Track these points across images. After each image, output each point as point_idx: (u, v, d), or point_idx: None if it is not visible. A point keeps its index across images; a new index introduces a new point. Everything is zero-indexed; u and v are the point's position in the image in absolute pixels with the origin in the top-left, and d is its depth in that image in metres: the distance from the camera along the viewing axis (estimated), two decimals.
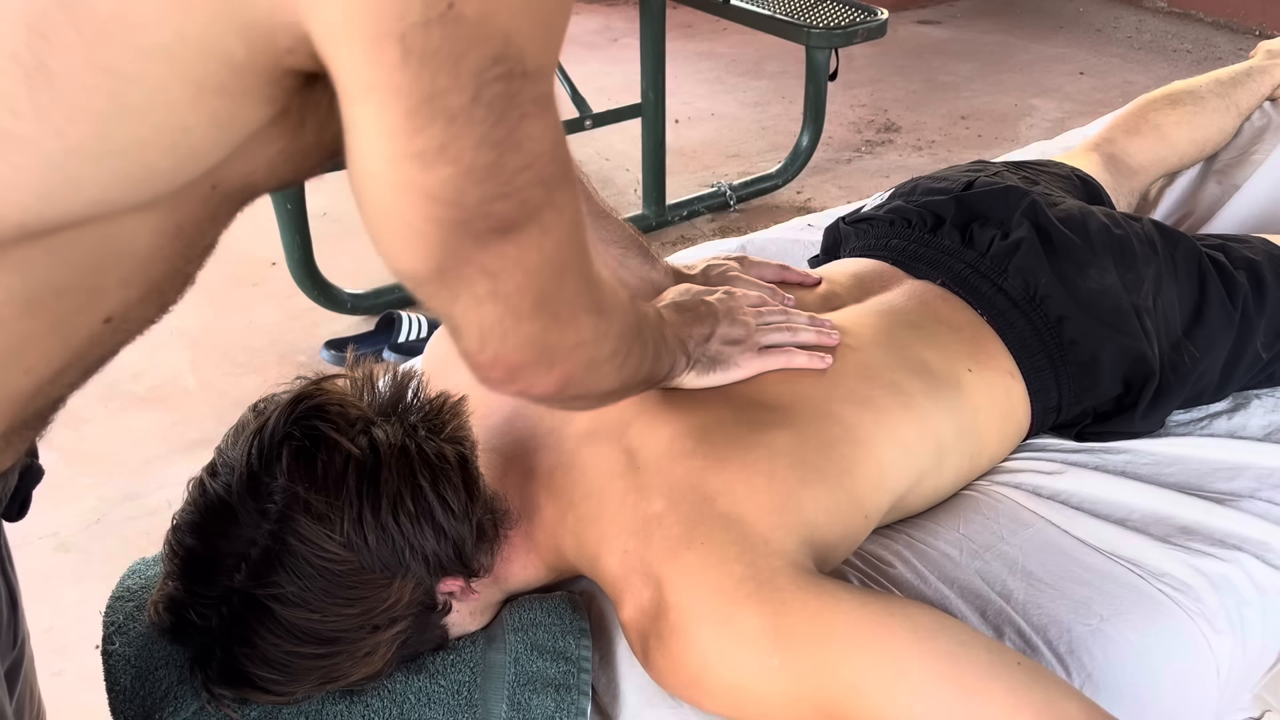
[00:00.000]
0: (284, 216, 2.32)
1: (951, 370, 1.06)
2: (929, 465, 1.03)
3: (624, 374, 0.79)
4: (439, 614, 0.89)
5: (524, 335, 0.64)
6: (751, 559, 0.82)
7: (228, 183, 0.59)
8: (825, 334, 1.03)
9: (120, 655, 0.90)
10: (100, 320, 0.62)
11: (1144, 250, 1.19)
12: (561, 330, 0.66)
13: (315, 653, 0.82)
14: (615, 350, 0.75)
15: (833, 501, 0.91)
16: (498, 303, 0.61)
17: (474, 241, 0.57)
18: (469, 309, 0.61)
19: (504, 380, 0.67)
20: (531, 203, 0.57)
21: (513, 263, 0.59)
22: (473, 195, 0.54)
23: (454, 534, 0.84)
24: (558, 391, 0.70)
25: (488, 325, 0.62)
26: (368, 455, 0.81)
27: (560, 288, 0.64)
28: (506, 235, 0.58)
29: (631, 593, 0.86)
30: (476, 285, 0.59)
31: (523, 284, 0.61)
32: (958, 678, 0.75)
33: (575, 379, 0.70)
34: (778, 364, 1.00)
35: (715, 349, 0.98)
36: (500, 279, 0.60)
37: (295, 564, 0.79)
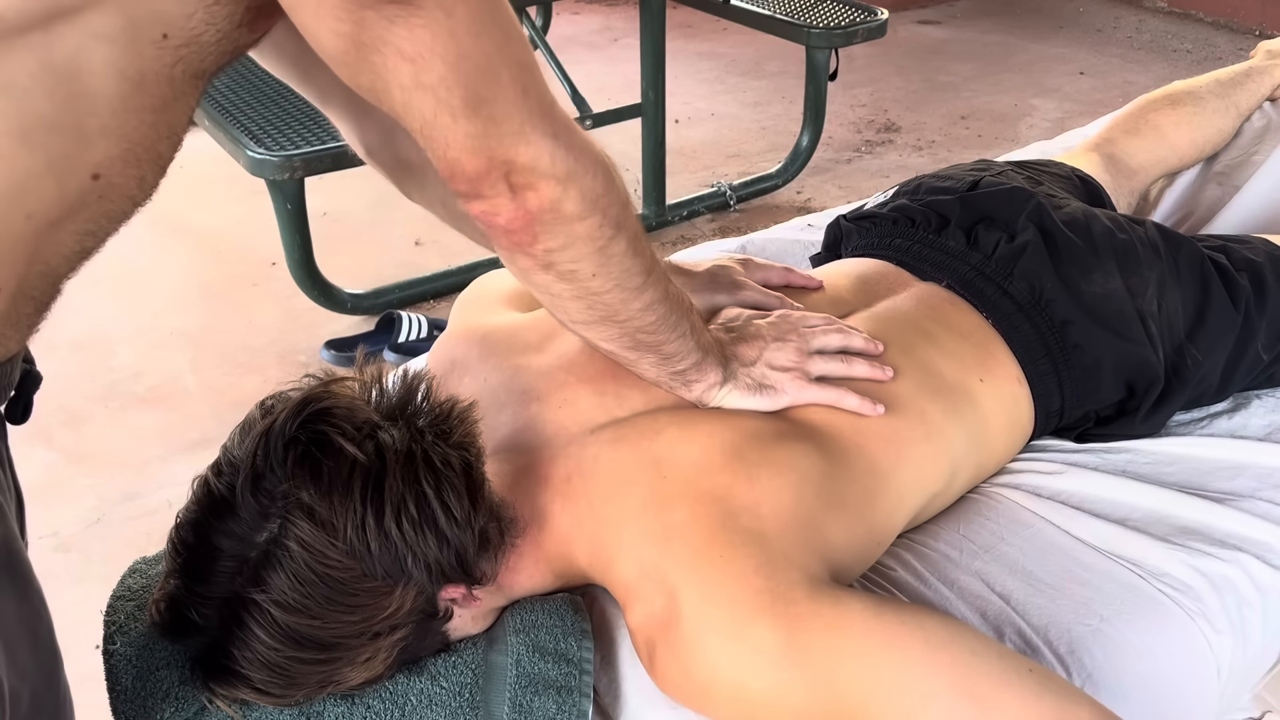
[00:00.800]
0: (284, 216, 2.32)
1: (965, 382, 1.06)
2: (941, 487, 1.03)
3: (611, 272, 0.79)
4: (440, 621, 0.88)
5: (465, 135, 0.66)
6: (770, 572, 0.82)
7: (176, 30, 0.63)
8: (879, 369, 1.00)
9: (121, 655, 0.90)
10: (89, 175, 0.64)
11: (1148, 254, 1.19)
12: (510, 142, 0.68)
13: (315, 658, 0.82)
14: (587, 210, 0.74)
15: (853, 530, 0.91)
16: (426, 93, 0.64)
17: (375, 11, 0.61)
18: (403, 100, 0.64)
19: (467, 194, 0.70)
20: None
21: (426, 48, 0.62)
22: None
23: (456, 541, 0.84)
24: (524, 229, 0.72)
25: (426, 118, 0.65)
26: (373, 462, 0.81)
27: (492, 88, 0.66)
28: (406, 7, 0.61)
29: (643, 599, 0.85)
30: (399, 72, 0.63)
31: (445, 75, 0.63)
32: (970, 687, 0.75)
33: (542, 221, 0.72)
34: (827, 400, 0.96)
35: (761, 372, 0.96)
36: (420, 66, 0.63)
37: (296, 569, 0.79)
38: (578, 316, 0.84)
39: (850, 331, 1.01)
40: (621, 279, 0.80)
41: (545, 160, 0.70)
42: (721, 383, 0.94)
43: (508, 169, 0.69)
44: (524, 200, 0.71)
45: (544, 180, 0.70)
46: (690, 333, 0.89)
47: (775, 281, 1.13)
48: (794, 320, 1.01)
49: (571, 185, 0.72)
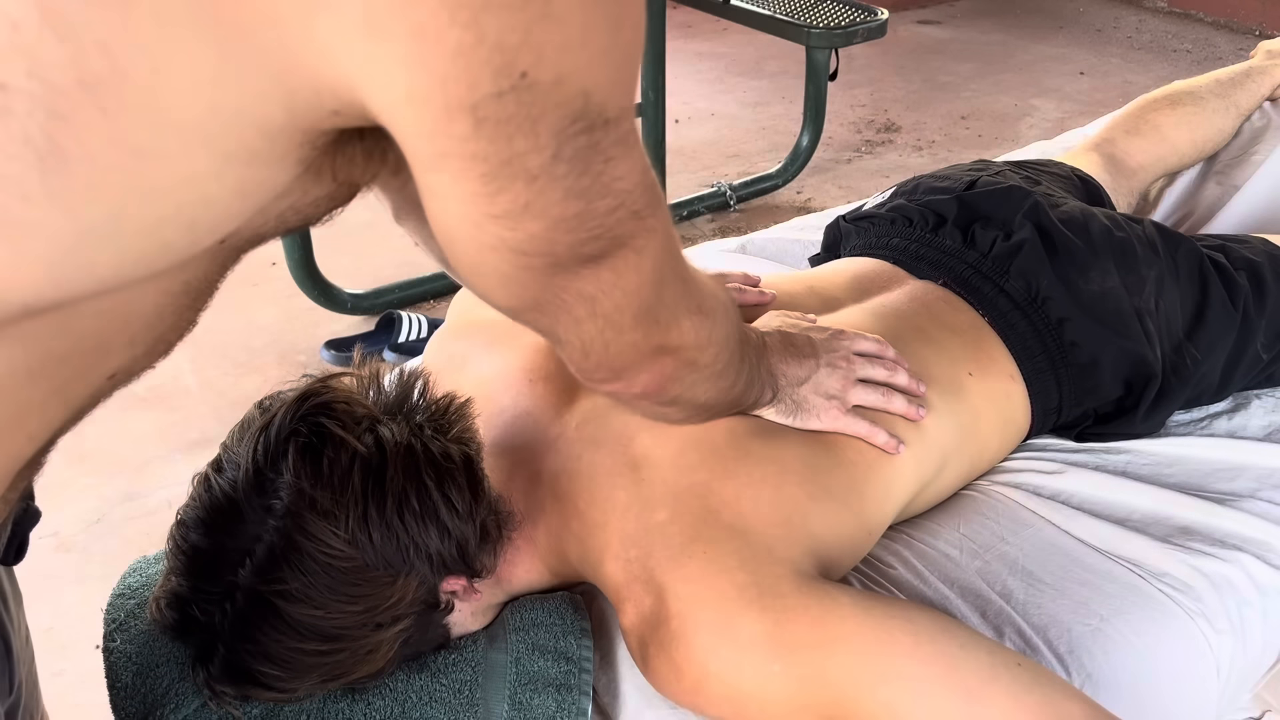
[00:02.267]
0: None
1: (954, 376, 1.06)
2: (932, 475, 1.03)
3: (719, 386, 0.79)
4: (441, 613, 0.89)
5: (627, 344, 0.65)
6: (754, 567, 0.82)
7: (237, 237, 0.57)
8: (914, 406, 0.99)
9: (121, 652, 0.90)
10: (104, 378, 0.61)
11: (1145, 252, 1.19)
12: (664, 331, 0.67)
13: (318, 649, 0.82)
14: (716, 356, 0.75)
15: (838, 519, 0.91)
16: (598, 320, 0.61)
17: (567, 274, 0.57)
18: (569, 329, 0.62)
19: (606, 380, 0.69)
20: (624, 233, 0.57)
21: (610, 285, 0.59)
22: (563, 243, 0.54)
23: (458, 533, 0.84)
24: (657, 390, 0.71)
25: (589, 339, 0.63)
26: (374, 453, 0.81)
27: (659, 298, 0.64)
28: (599, 263, 0.57)
29: (633, 600, 0.86)
30: (575, 309, 0.60)
31: (622, 303, 0.61)
32: (958, 681, 0.75)
33: (675, 377, 0.71)
34: (858, 433, 0.95)
35: (804, 395, 0.95)
36: (599, 301, 0.60)
37: (300, 560, 0.79)
38: (676, 419, 0.85)
39: (897, 368, 1.00)
40: (727, 386, 0.81)
41: (690, 335, 0.70)
42: (770, 402, 0.94)
43: (656, 352, 0.68)
44: (662, 368, 0.70)
45: (685, 350, 0.70)
46: (757, 379, 0.89)
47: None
48: (846, 343, 0.99)
49: (706, 344, 0.72)
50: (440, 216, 0.53)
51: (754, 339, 0.88)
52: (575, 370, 0.68)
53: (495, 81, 0.45)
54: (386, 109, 0.47)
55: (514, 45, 0.44)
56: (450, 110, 0.46)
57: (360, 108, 0.47)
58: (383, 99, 0.46)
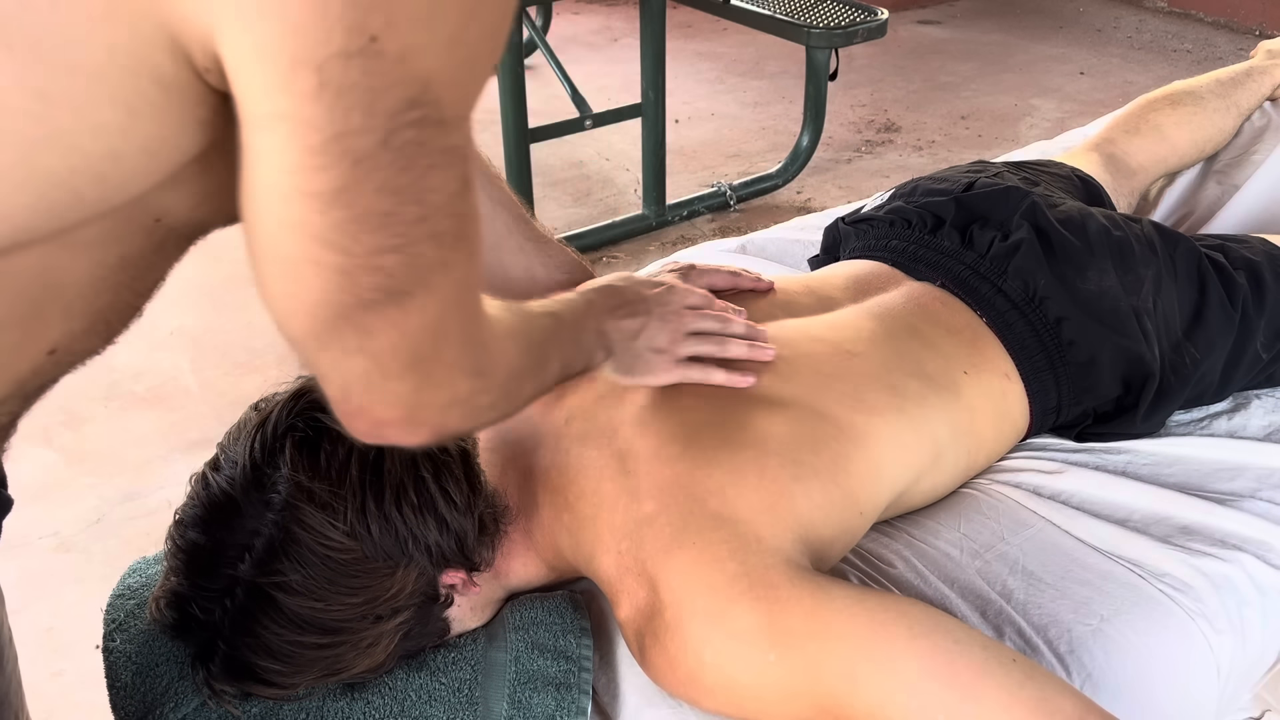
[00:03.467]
0: None
1: (948, 373, 1.06)
2: (927, 464, 1.03)
3: (511, 406, 0.74)
4: (441, 606, 0.89)
5: (390, 393, 0.59)
6: (744, 556, 0.82)
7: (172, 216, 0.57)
8: (759, 349, 0.99)
9: (121, 652, 0.90)
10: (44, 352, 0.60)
11: (1143, 252, 1.19)
12: (434, 391, 0.61)
13: (319, 643, 0.82)
14: (495, 400, 0.69)
15: (826, 498, 0.91)
16: (365, 358, 0.56)
17: (356, 299, 0.53)
18: (336, 360, 0.57)
19: (368, 433, 0.62)
20: (422, 259, 0.53)
21: (390, 323, 0.55)
22: (363, 244, 0.51)
23: (456, 526, 0.85)
24: (428, 443, 0.65)
25: (352, 379, 0.57)
26: (370, 447, 0.81)
27: (437, 353, 0.59)
28: (391, 297, 0.53)
29: (627, 593, 0.86)
30: (347, 339, 0.55)
31: (396, 345, 0.56)
32: (952, 674, 0.75)
33: (447, 431, 0.66)
34: (694, 379, 0.96)
35: (638, 349, 0.95)
36: (373, 336, 0.55)
37: (299, 553, 0.80)
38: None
39: (729, 317, 1.01)
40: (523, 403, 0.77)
41: (463, 392, 0.63)
42: (604, 361, 0.92)
43: (421, 411, 0.61)
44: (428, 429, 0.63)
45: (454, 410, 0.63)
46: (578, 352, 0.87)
47: (721, 285, 1.12)
48: (677, 298, 0.99)
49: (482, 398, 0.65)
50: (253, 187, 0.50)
51: (568, 317, 0.86)
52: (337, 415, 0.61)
53: (345, 40, 0.46)
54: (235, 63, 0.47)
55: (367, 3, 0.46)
56: (296, 65, 0.46)
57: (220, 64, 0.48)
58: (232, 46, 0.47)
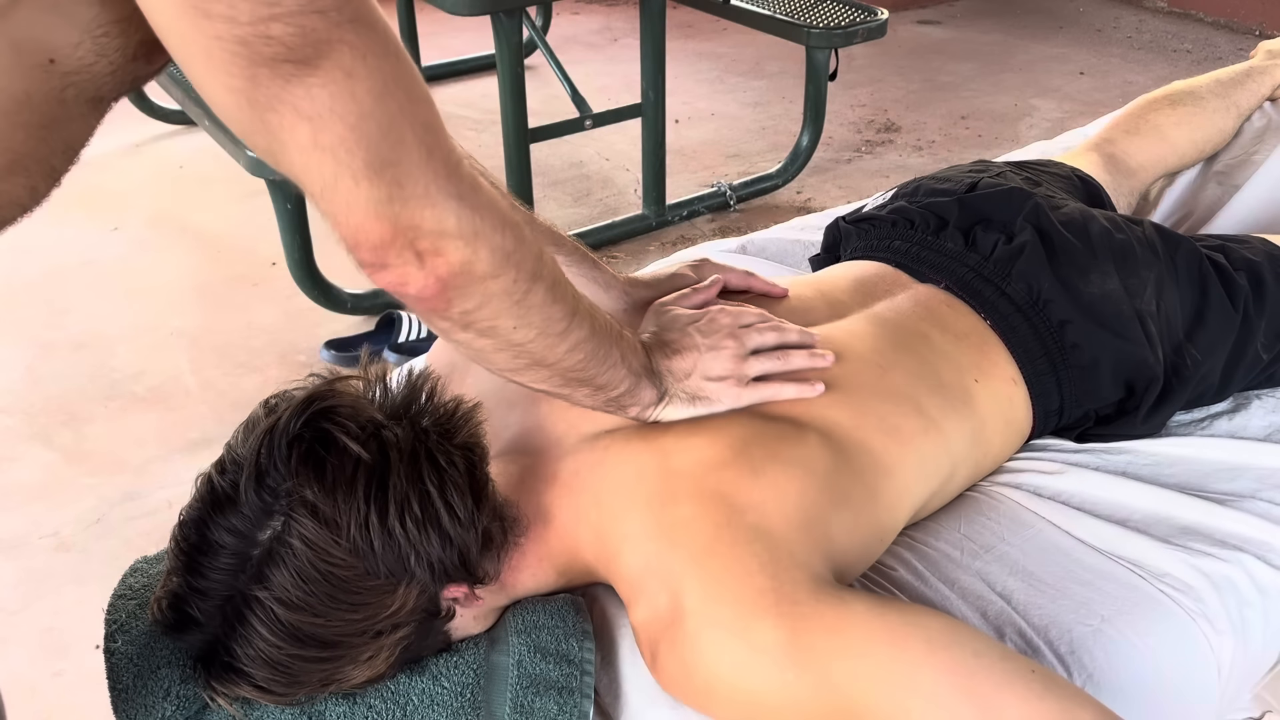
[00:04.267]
0: (284, 216, 2.32)
1: (961, 383, 1.06)
2: (940, 483, 1.03)
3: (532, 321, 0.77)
4: (443, 620, 0.89)
5: (367, 200, 0.63)
6: (774, 570, 0.82)
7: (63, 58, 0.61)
8: (818, 356, 1.00)
9: (122, 654, 0.90)
10: None
11: (1145, 254, 1.19)
12: (415, 207, 0.64)
13: (316, 656, 0.82)
14: (498, 267, 0.71)
15: (856, 526, 0.92)
16: (325, 155, 0.61)
17: (269, 70, 0.57)
18: (301, 161, 0.61)
19: (374, 264, 0.66)
20: (313, 32, 0.58)
21: (325, 109, 0.59)
22: (243, 11, 0.55)
23: (459, 540, 0.84)
24: (437, 296, 0.69)
25: (326, 181, 0.62)
26: (377, 460, 0.81)
27: (395, 150, 0.63)
28: (302, 67, 0.58)
29: (647, 596, 0.85)
30: (298, 132, 0.60)
31: (345, 136, 0.60)
32: (971, 688, 0.75)
33: (454, 285, 0.69)
34: (765, 398, 0.96)
35: (695, 385, 0.95)
36: (318, 126, 0.60)
37: (299, 567, 0.79)
38: (505, 365, 0.82)
39: (785, 327, 1.01)
40: (544, 327, 0.79)
41: (451, 222, 0.67)
42: (656, 402, 0.93)
43: (413, 235, 0.65)
44: (433, 267, 0.68)
45: (451, 243, 0.67)
46: (620, 361, 0.88)
47: (735, 284, 1.12)
48: (727, 322, 0.99)
49: (480, 245, 0.69)
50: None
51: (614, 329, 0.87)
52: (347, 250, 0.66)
53: None
54: None
55: None
56: None
57: None
58: None
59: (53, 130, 0.65)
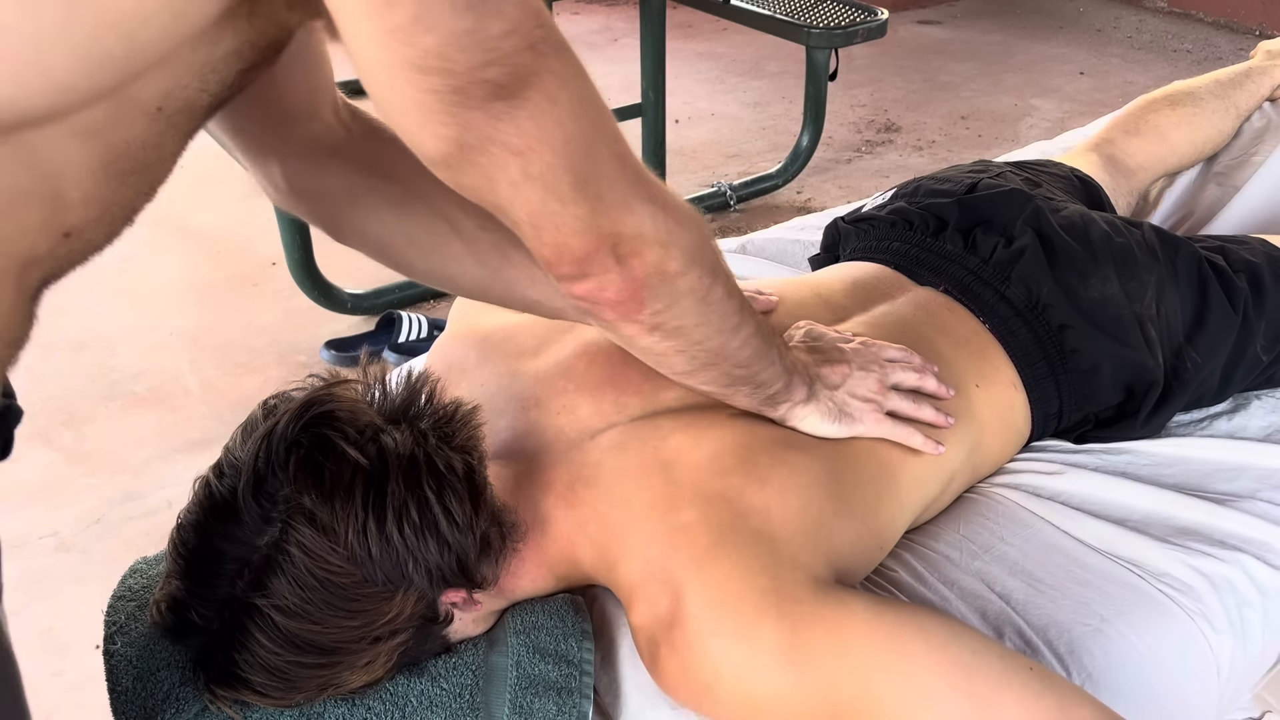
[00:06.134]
0: (284, 216, 2.32)
1: (963, 390, 1.06)
2: (938, 492, 1.04)
3: (714, 320, 0.79)
4: (441, 625, 0.88)
5: (574, 218, 0.65)
6: (776, 572, 0.82)
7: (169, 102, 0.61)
8: (943, 416, 1.01)
9: (122, 656, 0.90)
10: (61, 233, 0.64)
11: (1145, 258, 1.19)
12: (616, 214, 0.67)
13: (315, 662, 0.82)
14: (688, 264, 0.74)
15: (857, 535, 0.92)
16: (534, 184, 0.62)
17: (482, 111, 0.58)
18: (510, 194, 0.63)
19: (574, 276, 0.69)
20: (524, 68, 0.58)
21: (536, 139, 0.61)
22: (460, 63, 0.56)
23: (458, 546, 0.83)
24: (633, 299, 0.71)
25: (534, 208, 0.64)
26: (375, 466, 0.80)
27: (596, 166, 0.65)
28: (512, 102, 0.59)
29: (647, 599, 0.85)
30: (508, 167, 0.61)
31: (553, 162, 0.62)
32: (970, 687, 0.75)
33: (649, 285, 0.72)
34: (898, 437, 0.97)
35: (842, 399, 0.96)
36: (528, 158, 0.61)
37: (297, 574, 0.79)
38: (682, 368, 0.85)
39: (926, 372, 1.02)
40: (721, 323, 0.81)
41: (648, 225, 0.70)
42: (805, 401, 0.94)
43: (614, 241, 0.68)
44: (630, 269, 0.70)
45: (648, 245, 0.70)
46: (779, 358, 0.90)
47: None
48: (875, 349, 1.01)
49: (672, 244, 0.72)
50: (349, 44, 0.57)
51: (769, 326, 0.89)
52: (545, 268, 0.69)
53: None
54: None
55: None
56: None
57: None
58: None
59: (143, 175, 0.65)
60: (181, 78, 0.61)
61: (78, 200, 0.62)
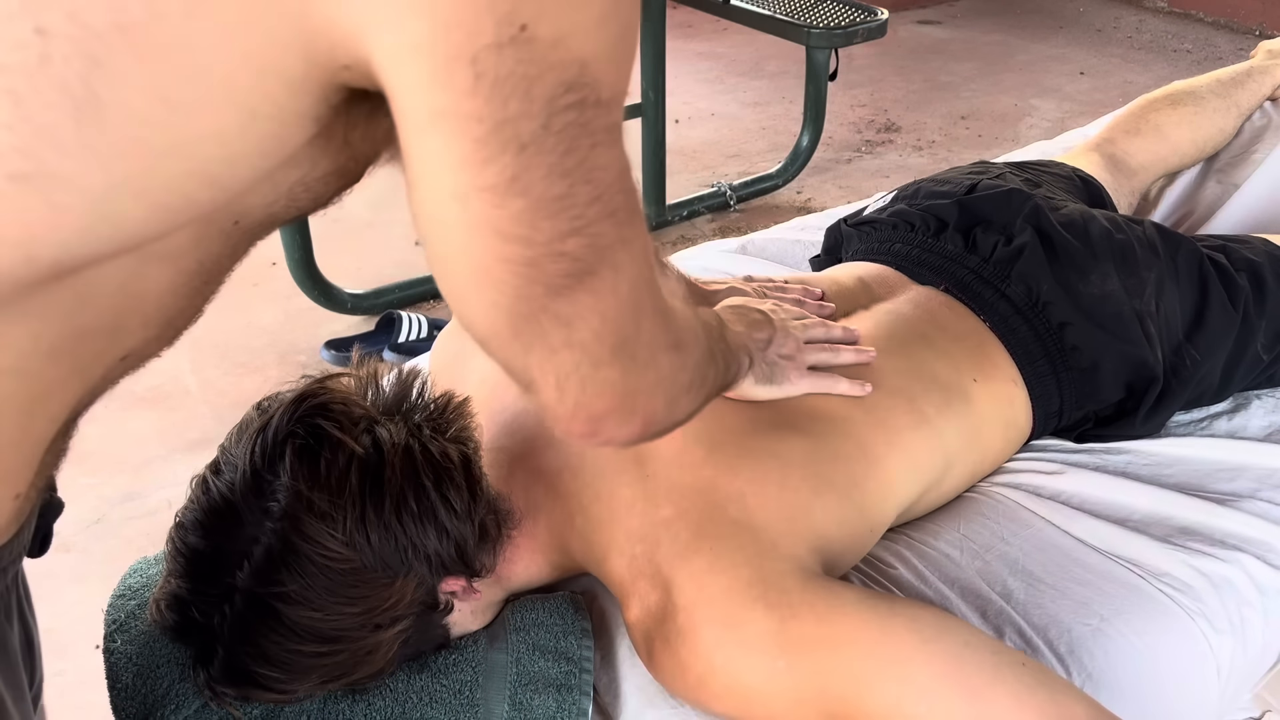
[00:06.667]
0: None
1: (959, 382, 1.06)
2: (935, 479, 1.03)
3: (700, 397, 0.76)
4: (441, 613, 0.89)
5: (602, 381, 0.60)
6: (759, 563, 0.83)
7: (250, 217, 0.58)
8: (862, 352, 1.03)
9: (122, 653, 0.90)
10: (118, 359, 0.61)
11: (1146, 254, 1.19)
12: (641, 372, 0.63)
13: (317, 651, 0.82)
14: (692, 380, 0.72)
15: (842, 513, 0.92)
16: (574, 350, 0.58)
17: (545, 287, 0.54)
18: (544, 359, 0.58)
19: (587, 433, 0.64)
20: (603, 239, 0.54)
21: (588, 309, 0.56)
22: (543, 231, 0.52)
23: (456, 534, 0.84)
24: (640, 435, 0.67)
25: (564, 374, 0.59)
26: (371, 454, 0.81)
27: (638, 329, 0.61)
28: (580, 280, 0.55)
29: (638, 595, 0.86)
30: (551, 335, 0.57)
31: (600, 330, 0.58)
32: (962, 679, 0.75)
33: (656, 419, 0.68)
34: (823, 388, 0.99)
35: (772, 358, 0.97)
36: (575, 326, 0.57)
37: (298, 563, 0.79)
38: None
39: (828, 324, 1.05)
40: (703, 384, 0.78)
41: (666, 371, 0.66)
42: (749, 370, 0.94)
43: (633, 399, 0.64)
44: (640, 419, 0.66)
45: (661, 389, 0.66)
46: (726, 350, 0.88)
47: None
48: (786, 311, 1.03)
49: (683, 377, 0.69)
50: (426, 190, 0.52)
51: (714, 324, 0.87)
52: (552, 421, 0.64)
53: (497, 31, 0.45)
54: (388, 61, 0.47)
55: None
56: (451, 61, 0.46)
57: (366, 63, 0.48)
58: (385, 48, 0.47)
59: (213, 285, 0.62)
60: (268, 197, 0.57)
61: (139, 324, 0.59)
